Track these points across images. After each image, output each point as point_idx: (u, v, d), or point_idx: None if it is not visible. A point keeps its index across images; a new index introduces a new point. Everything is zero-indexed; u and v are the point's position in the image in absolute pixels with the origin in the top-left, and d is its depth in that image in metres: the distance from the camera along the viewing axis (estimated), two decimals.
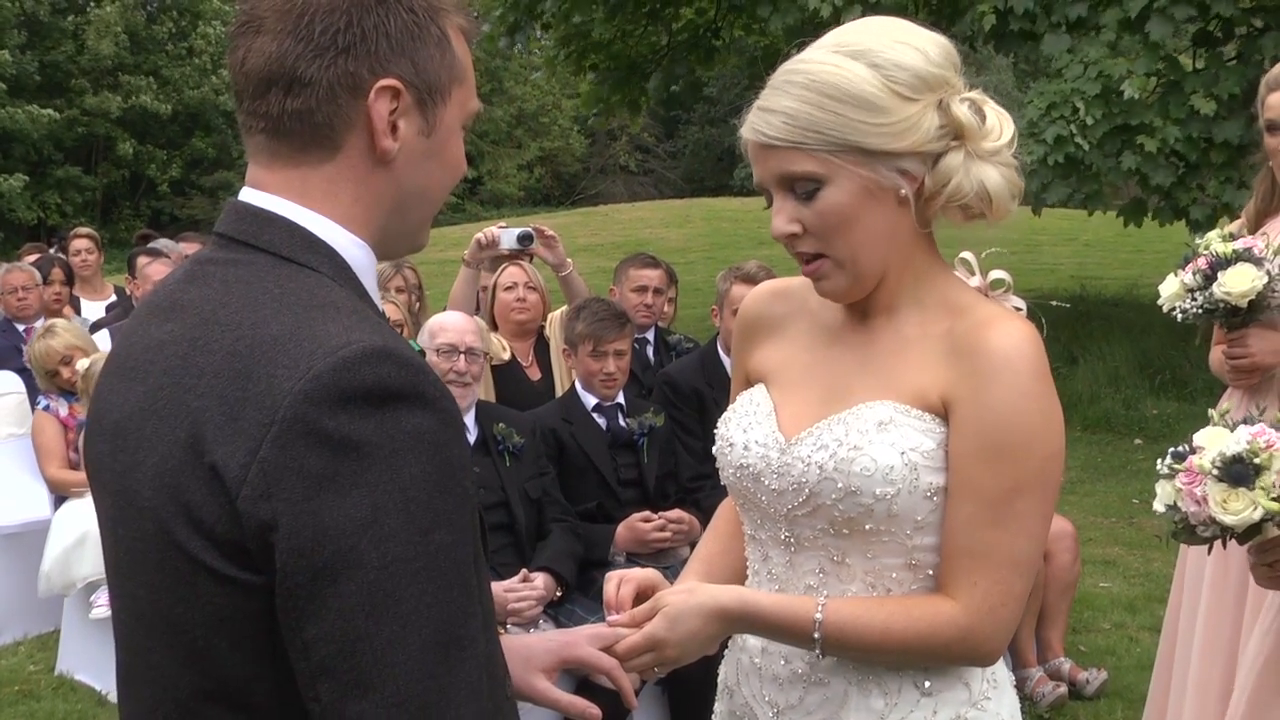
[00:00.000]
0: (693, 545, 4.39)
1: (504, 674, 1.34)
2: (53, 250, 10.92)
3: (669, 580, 1.88)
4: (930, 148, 1.66)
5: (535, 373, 5.31)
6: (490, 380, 4.96)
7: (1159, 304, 3.46)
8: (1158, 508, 2.48)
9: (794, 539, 1.76)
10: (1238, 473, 2.34)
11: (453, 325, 4.29)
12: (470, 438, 4.14)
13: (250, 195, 1.36)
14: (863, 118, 1.63)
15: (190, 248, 8.24)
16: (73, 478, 5.62)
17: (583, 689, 3.05)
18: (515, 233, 5.19)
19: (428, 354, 4.16)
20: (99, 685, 5.24)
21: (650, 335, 5.74)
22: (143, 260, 7.23)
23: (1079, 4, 9.28)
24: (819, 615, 1.68)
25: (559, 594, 4.10)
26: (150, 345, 1.33)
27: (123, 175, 32.54)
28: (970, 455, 1.64)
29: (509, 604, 3.86)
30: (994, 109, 1.70)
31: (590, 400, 4.50)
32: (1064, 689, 4.69)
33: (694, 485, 4.58)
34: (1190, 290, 3.33)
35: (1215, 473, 2.36)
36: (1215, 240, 3.33)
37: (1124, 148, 9.02)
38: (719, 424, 1.88)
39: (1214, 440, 2.40)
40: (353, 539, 1.17)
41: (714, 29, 13.36)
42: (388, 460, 1.18)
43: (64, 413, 5.81)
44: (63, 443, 5.78)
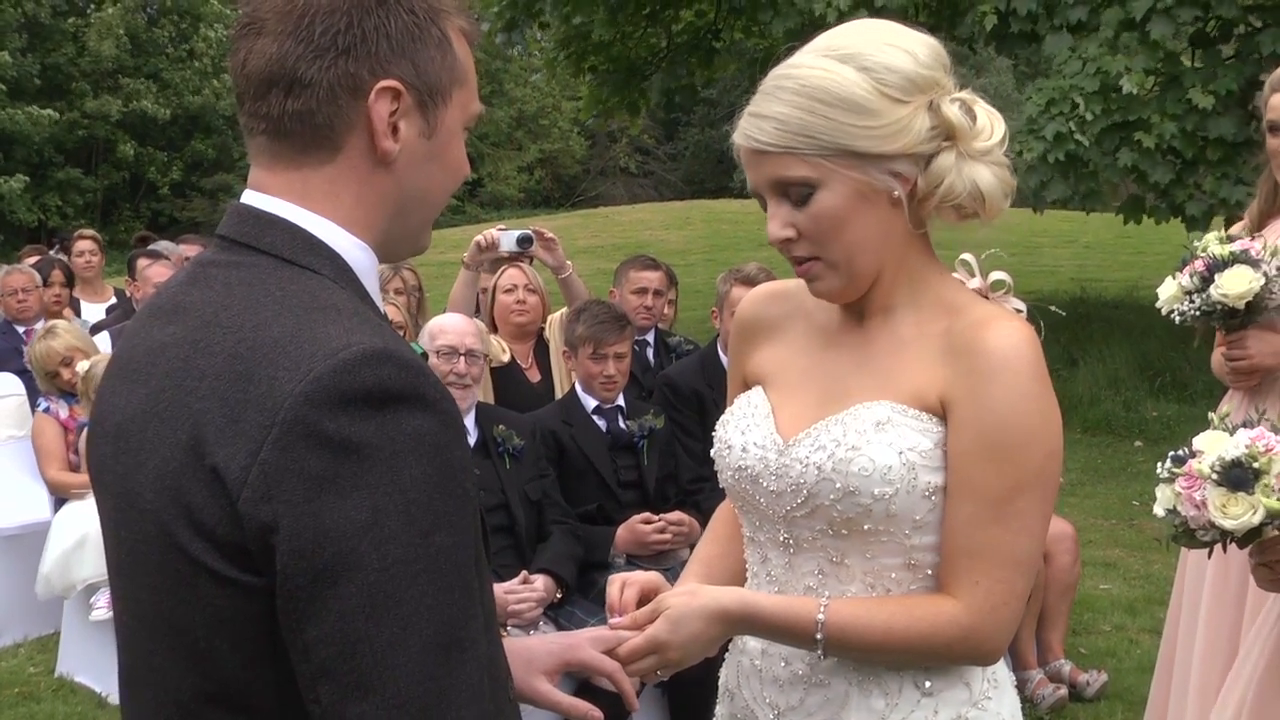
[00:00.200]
0: (692, 547, 4.40)
1: (506, 676, 1.34)
2: (54, 251, 10.91)
3: (670, 583, 1.89)
4: (922, 149, 1.66)
5: (535, 375, 5.31)
6: (490, 382, 4.96)
7: (1157, 306, 3.46)
8: (1158, 512, 2.48)
9: (793, 540, 1.76)
10: (1237, 477, 2.33)
11: (452, 327, 4.30)
12: (470, 440, 4.14)
13: (252, 197, 1.36)
14: (854, 121, 1.63)
15: (190, 249, 8.25)
16: (73, 480, 5.62)
17: (583, 691, 3.06)
18: (515, 235, 5.19)
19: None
20: (99, 687, 5.24)
21: (650, 337, 5.74)
22: (143, 262, 7.24)
23: (1081, 6, 9.28)
24: (821, 616, 1.68)
25: (559, 596, 4.11)
26: (152, 348, 1.33)
27: (123, 177, 32.53)
28: (969, 455, 1.65)
29: (509, 606, 3.87)
30: (984, 108, 1.71)
31: (590, 402, 4.50)
32: (1064, 691, 4.69)
33: (694, 487, 4.58)
34: (1188, 292, 3.34)
35: (1214, 477, 2.36)
36: (1212, 242, 3.33)
37: (1122, 144, 9.01)
38: (717, 426, 1.88)
39: (1213, 444, 2.40)
40: (353, 541, 1.17)
41: (714, 31, 13.36)
42: (388, 462, 1.18)
43: (64, 415, 5.81)
44: (63, 445, 5.77)
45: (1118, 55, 8.93)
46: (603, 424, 4.49)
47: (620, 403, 4.54)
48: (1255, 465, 2.33)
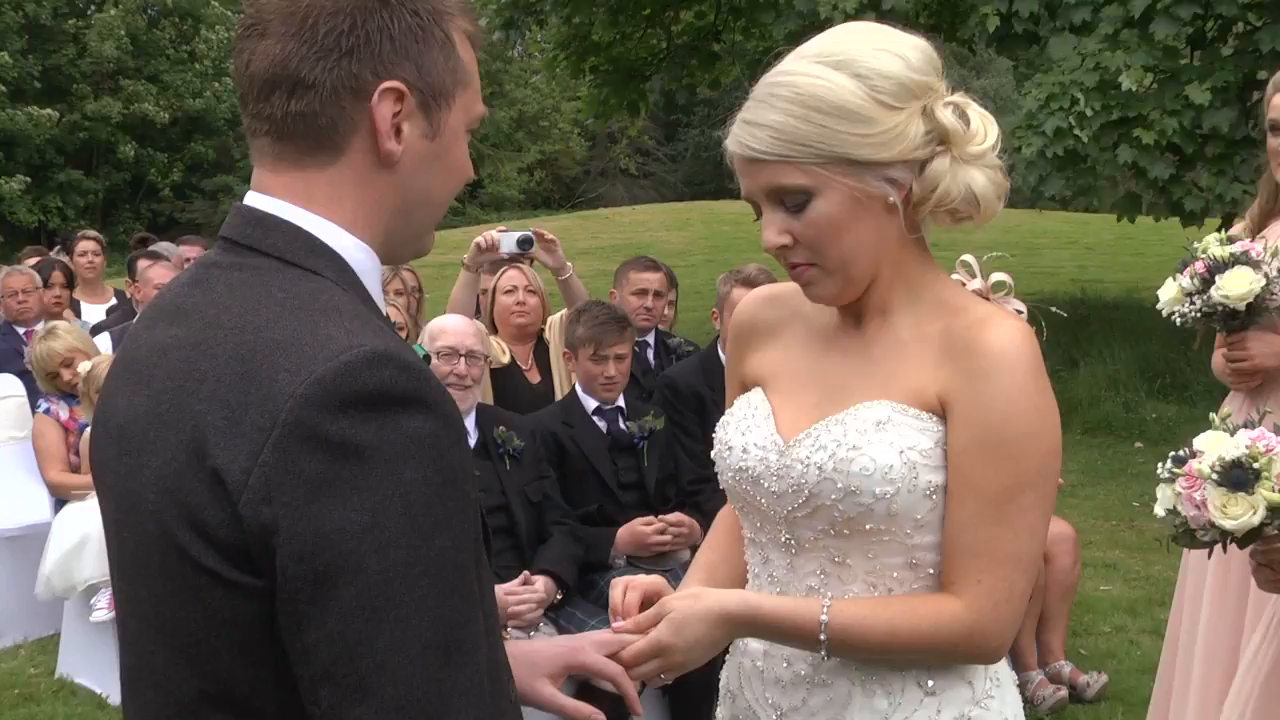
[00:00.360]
0: (693, 548, 4.39)
1: (507, 678, 1.34)
2: (55, 252, 10.92)
3: (672, 586, 1.89)
4: (917, 155, 1.66)
5: (535, 376, 5.31)
6: (490, 383, 4.96)
7: (1158, 308, 3.46)
8: (1158, 512, 2.48)
9: (794, 541, 1.76)
10: (1237, 477, 2.34)
11: (453, 328, 4.30)
12: (470, 441, 4.14)
13: (254, 199, 1.36)
14: (848, 129, 1.63)
15: (191, 251, 8.25)
16: (73, 481, 5.62)
17: (583, 692, 3.05)
18: (515, 236, 5.19)
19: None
20: (99, 689, 5.24)
21: (650, 338, 5.74)
22: (143, 264, 7.24)
23: (1083, 7, 9.27)
24: (824, 617, 1.68)
25: (559, 597, 4.11)
26: (155, 349, 1.33)
27: (124, 178, 32.54)
28: (969, 453, 1.65)
29: (509, 607, 3.87)
30: (977, 111, 1.71)
31: (590, 403, 4.50)
32: (1064, 692, 4.69)
33: (694, 488, 4.58)
34: (1189, 294, 3.34)
35: (1215, 477, 2.36)
36: (1213, 244, 3.33)
37: (1121, 141, 9.00)
38: (717, 428, 1.88)
39: (1214, 445, 2.40)
40: (353, 543, 1.17)
41: (714, 33, 13.35)
42: (388, 464, 1.18)
43: (64, 416, 5.81)
44: (63, 446, 5.77)
45: (1117, 51, 8.92)
46: (603, 425, 4.49)
47: (620, 404, 4.54)
48: (1255, 465, 2.33)
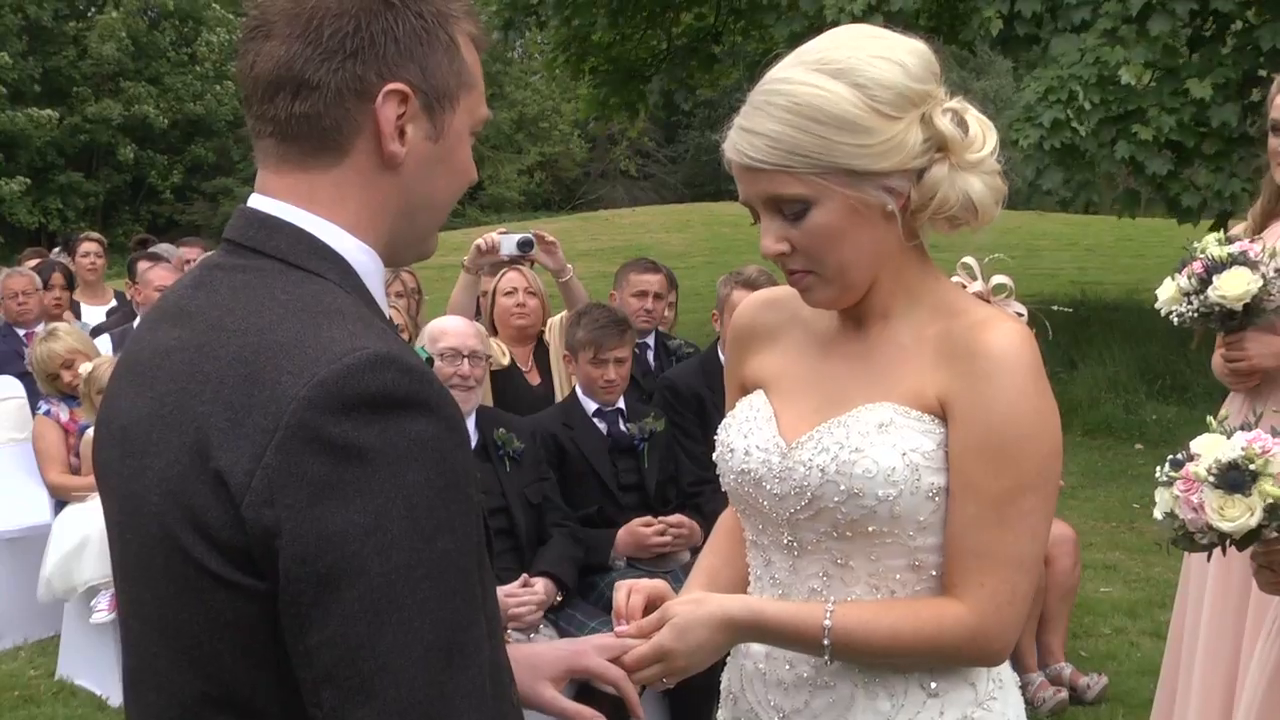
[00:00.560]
0: (693, 550, 4.40)
1: (509, 681, 1.34)
2: (55, 253, 10.92)
3: (674, 588, 1.89)
4: (915, 164, 1.66)
5: (535, 378, 5.31)
6: (490, 385, 4.96)
7: (1156, 307, 3.47)
8: (1157, 515, 2.48)
9: (796, 543, 1.76)
10: (1234, 479, 2.34)
11: (454, 329, 4.30)
12: (470, 443, 4.14)
13: (258, 201, 1.36)
14: (847, 140, 1.63)
15: (191, 252, 8.25)
16: (73, 483, 5.62)
17: (583, 695, 3.06)
18: (515, 239, 5.19)
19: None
20: (99, 690, 5.23)
21: (650, 340, 5.74)
22: (143, 265, 7.24)
23: (1083, 7, 9.27)
24: (828, 622, 1.68)
25: (559, 599, 4.11)
26: (158, 351, 1.33)
27: (124, 180, 32.55)
28: (970, 456, 1.65)
29: (509, 609, 3.87)
30: (975, 117, 1.71)
31: (591, 405, 4.50)
32: (1065, 694, 4.69)
33: (694, 490, 4.58)
34: (1186, 294, 3.34)
35: (1212, 480, 2.36)
36: (1211, 244, 3.34)
37: (1119, 136, 8.99)
38: (719, 430, 1.88)
39: (1210, 447, 2.41)
40: (355, 546, 1.17)
41: (714, 34, 13.35)
42: (391, 467, 1.18)
43: (65, 417, 5.81)
44: (63, 448, 5.77)
45: (1116, 47, 8.91)
46: (603, 427, 4.49)
47: (621, 405, 4.54)
48: (1252, 467, 2.34)
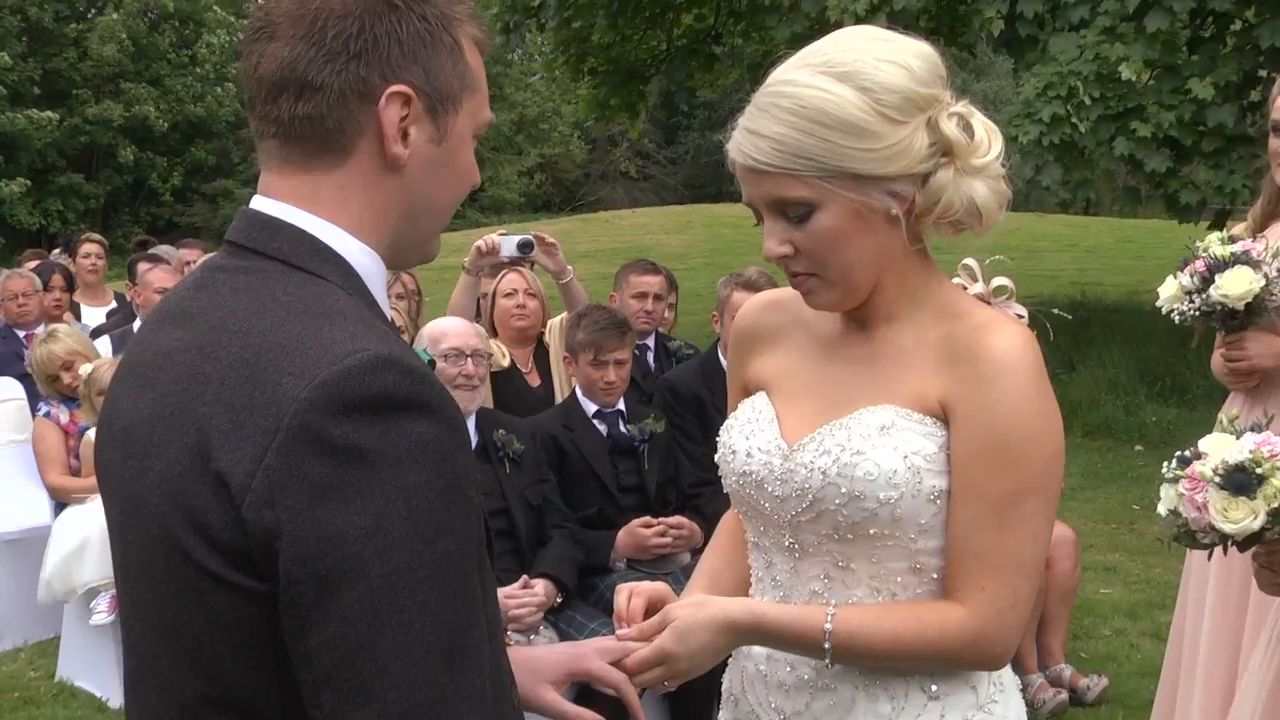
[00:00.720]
0: (693, 552, 4.40)
1: (509, 683, 1.34)
2: (56, 254, 10.92)
3: (675, 590, 1.88)
4: (921, 168, 1.66)
5: (535, 379, 5.31)
6: (490, 387, 4.96)
7: (1158, 305, 3.46)
8: (1160, 511, 2.48)
9: (798, 545, 1.76)
10: (1240, 481, 2.33)
11: (455, 330, 4.30)
12: (471, 444, 4.14)
13: (261, 202, 1.36)
14: (853, 144, 1.62)
15: (191, 254, 8.25)
16: (73, 484, 5.62)
17: (583, 697, 3.05)
18: (516, 240, 5.19)
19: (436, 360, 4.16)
20: (99, 692, 5.23)
21: (651, 341, 5.74)
22: (143, 266, 7.24)
23: (1082, 6, 9.27)
24: (829, 625, 1.68)
25: (559, 600, 4.11)
26: (160, 352, 1.33)
27: (125, 182, 32.57)
28: (972, 459, 1.65)
29: (509, 610, 3.87)
30: (981, 122, 1.70)
31: (591, 406, 4.50)
32: (1065, 696, 4.69)
33: (695, 491, 4.58)
34: (1188, 292, 3.34)
35: (1217, 480, 2.36)
36: (1214, 243, 3.34)
37: (1118, 133, 8.99)
38: (721, 432, 1.88)
39: (1218, 447, 2.40)
40: (356, 547, 1.17)
41: (714, 35, 13.35)
42: (392, 469, 1.18)
43: (65, 419, 5.81)
44: (63, 449, 5.77)
45: (1115, 44, 8.91)
46: (603, 428, 4.49)
47: (621, 407, 4.54)
48: (1259, 470, 2.33)
